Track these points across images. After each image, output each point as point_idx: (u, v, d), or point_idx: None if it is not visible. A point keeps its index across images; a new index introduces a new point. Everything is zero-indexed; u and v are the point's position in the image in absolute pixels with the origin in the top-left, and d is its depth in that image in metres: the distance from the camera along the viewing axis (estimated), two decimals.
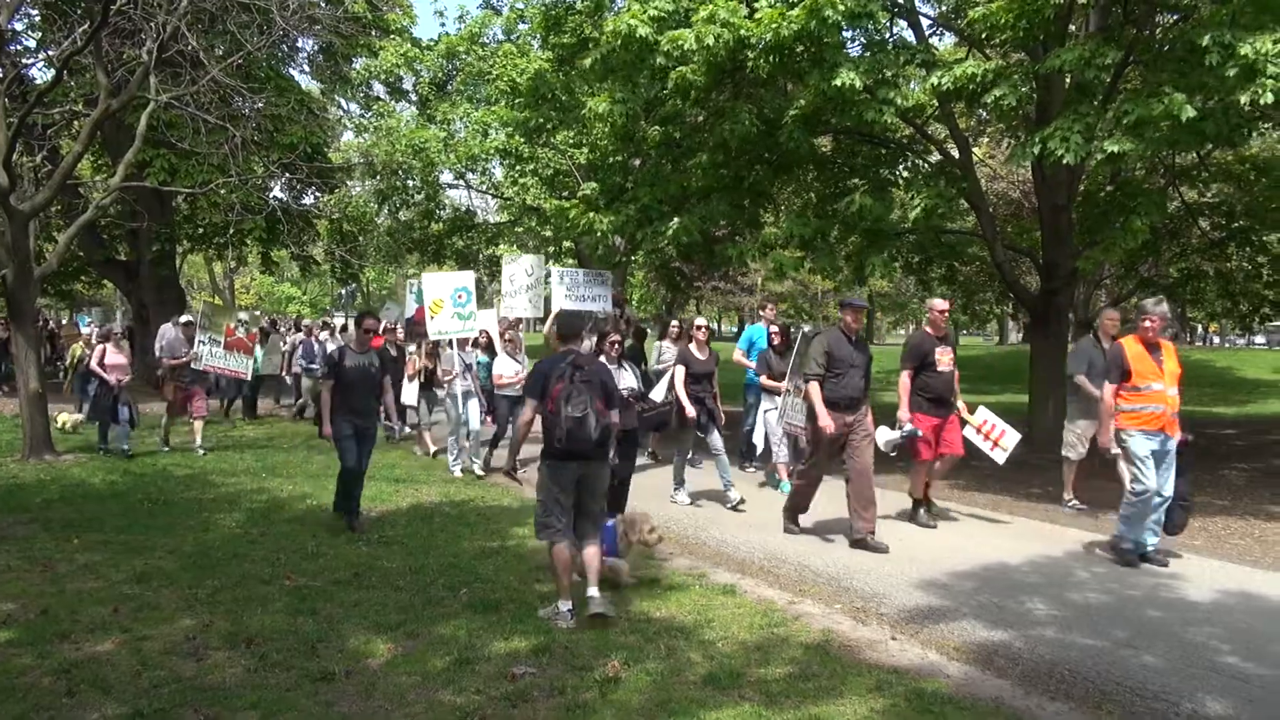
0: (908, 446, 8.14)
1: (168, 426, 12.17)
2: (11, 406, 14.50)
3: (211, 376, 13.81)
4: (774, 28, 9.61)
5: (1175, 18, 10.49)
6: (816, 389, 7.33)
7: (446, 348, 11.30)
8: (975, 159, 14.69)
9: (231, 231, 19.83)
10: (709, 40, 9.90)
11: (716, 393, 9.43)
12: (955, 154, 12.48)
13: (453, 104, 23.86)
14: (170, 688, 4.35)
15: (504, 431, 10.84)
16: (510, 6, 23.85)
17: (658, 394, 9.09)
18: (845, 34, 10.64)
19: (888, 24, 11.68)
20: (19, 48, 16.52)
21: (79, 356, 14.70)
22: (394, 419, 8.95)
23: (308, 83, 24.39)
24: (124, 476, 10.12)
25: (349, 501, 7.81)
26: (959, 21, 12.26)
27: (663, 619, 5.45)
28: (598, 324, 10.41)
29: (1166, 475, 6.70)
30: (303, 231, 21.62)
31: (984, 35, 9.99)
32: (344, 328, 21.36)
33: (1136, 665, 4.78)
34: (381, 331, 15.87)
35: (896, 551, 7.08)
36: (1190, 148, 10.78)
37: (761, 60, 10.00)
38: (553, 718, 4.09)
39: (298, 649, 4.86)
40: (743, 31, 9.91)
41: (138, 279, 20.62)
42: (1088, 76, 8.93)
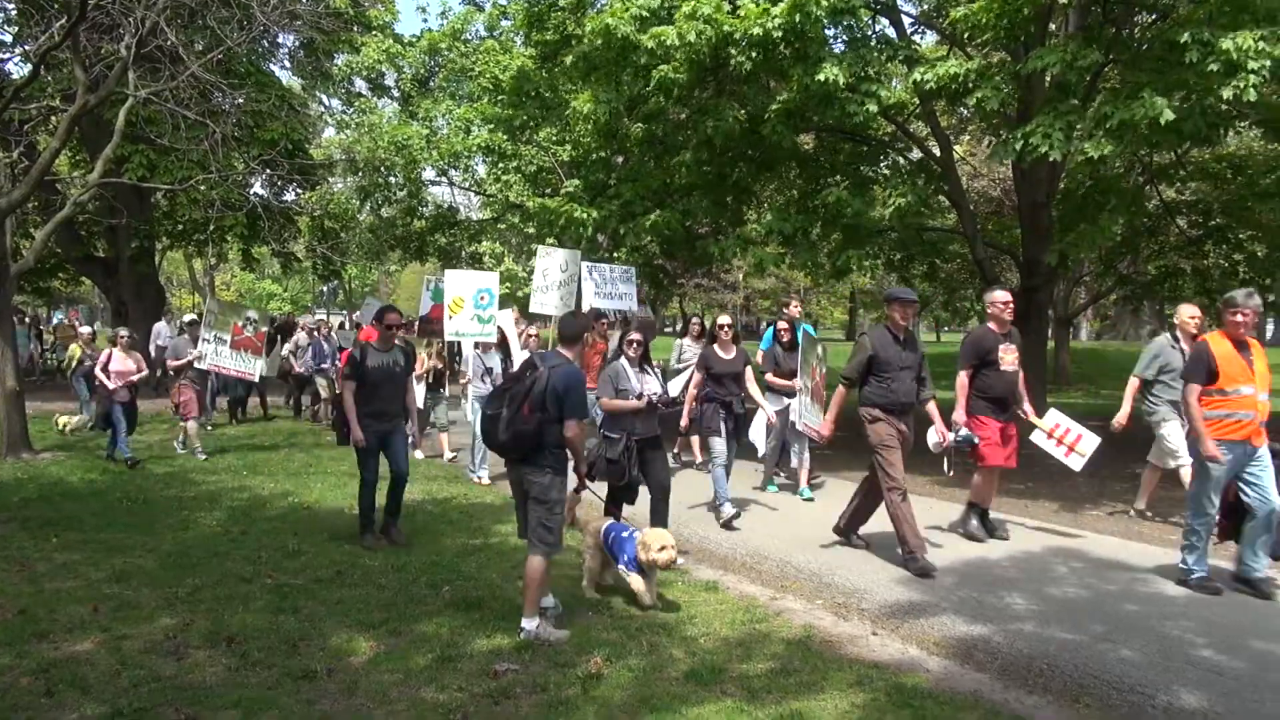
0: (968, 452, 7.39)
1: (193, 432, 11.58)
2: None
3: (213, 377, 13.18)
4: (759, 22, 9.63)
5: (1154, 17, 10.60)
6: (843, 393, 6.82)
7: (473, 349, 10.66)
8: (956, 157, 14.78)
9: (212, 228, 19.70)
10: (691, 36, 9.91)
11: (747, 393, 8.47)
12: (936, 152, 12.56)
13: (435, 101, 23.78)
14: (150, 687, 4.33)
15: None
16: (493, 3, 23.80)
17: (674, 387, 8.68)
18: (828, 31, 10.69)
19: (870, 21, 11.75)
20: None
21: (77, 358, 14.08)
22: (414, 423, 8.03)
23: (289, 78, 24.25)
24: (103, 475, 10.04)
25: (370, 516, 7.26)
26: (940, 20, 12.32)
27: (645, 616, 5.46)
28: (628, 322, 10.02)
29: (1265, 485, 5.97)
30: (284, 228, 21.44)
31: (965, 35, 10.06)
32: (342, 325, 20.75)
33: (1114, 659, 4.83)
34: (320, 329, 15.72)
35: (877, 547, 7.12)
36: (1169, 147, 10.90)
37: (744, 57, 10.02)
38: (535, 714, 4.10)
39: (279, 647, 4.84)
40: (726, 27, 9.93)
41: (116, 276, 20.43)
42: (1069, 77, 9.01)
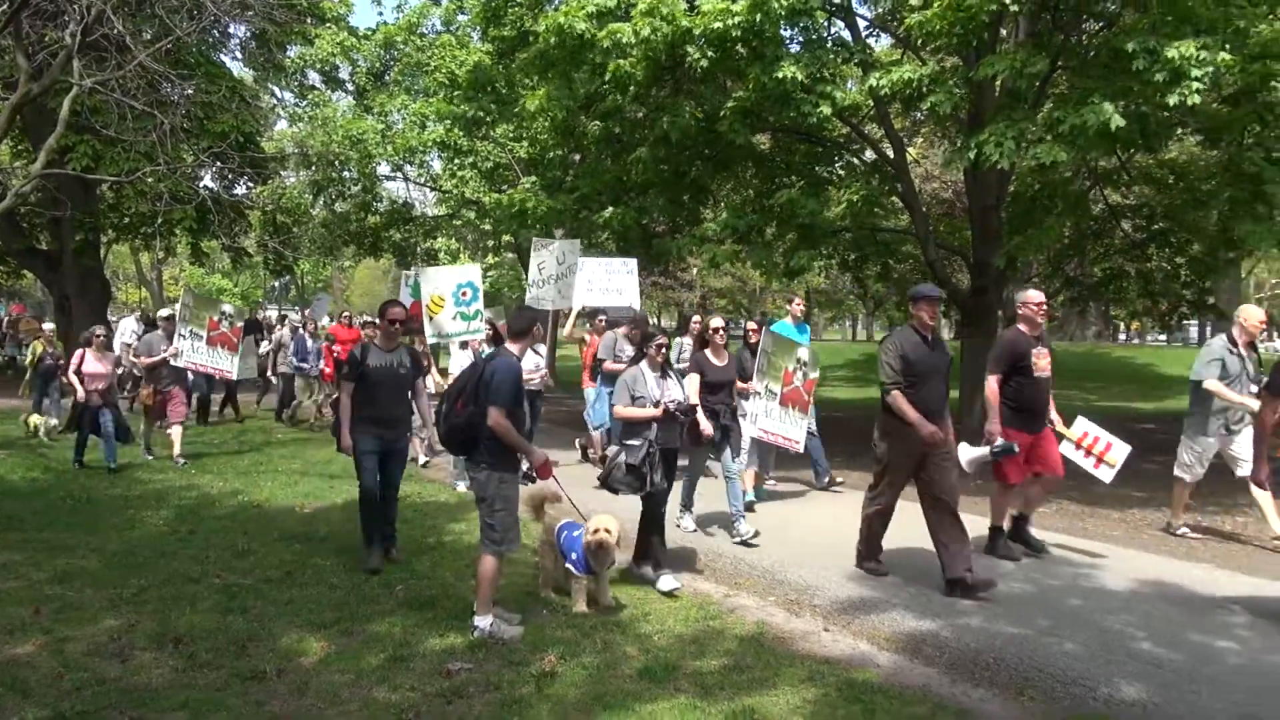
0: (992, 468, 6.88)
1: (148, 434, 11.03)
2: None
3: (190, 375, 12.08)
4: (719, 19, 9.68)
5: (1100, 25, 10.85)
6: (901, 398, 6.03)
7: (460, 349, 9.92)
8: (910, 159, 14.99)
9: (160, 221, 19.25)
10: (646, 32, 9.93)
11: (737, 405, 7.95)
12: (890, 154, 12.73)
13: (390, 95, 23.58)
14: (94, 689, 4.25)
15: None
16: None
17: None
18: (785, 32, 10.79)
19: (826, 23, 11.88)
20: None
21: (39, 355, 13.30)
22: (427, 430, 6.94)
23: (240, 70, 23.83)
24: (45, 473, 9.81)
25: (374, 531, 6.50)
26: (895, 25, 12.49)
27: (599, 614, 5.47)
28: (638, 321, 9.01)
29: None
30: (234, 222, 21.07)
31: (919, 40, 10.22)
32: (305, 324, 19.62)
33: (1058, 652, 4.94)
34: (306, 326, 15.38)
35: (829, 545, 7.20)
36: (1113, 152, 11.18)
37: (701, 55, 10.07)
38: (488, 713, 4.09)
39: (227, 648, 4.77)
40: (684, 23, 9.97)
41: (60, 270, 19.91)
42: (1019, 84, 9.20)
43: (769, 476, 9.51)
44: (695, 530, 7.72)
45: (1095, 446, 7.34)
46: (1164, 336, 39.09)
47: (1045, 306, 6.93)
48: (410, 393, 6.73)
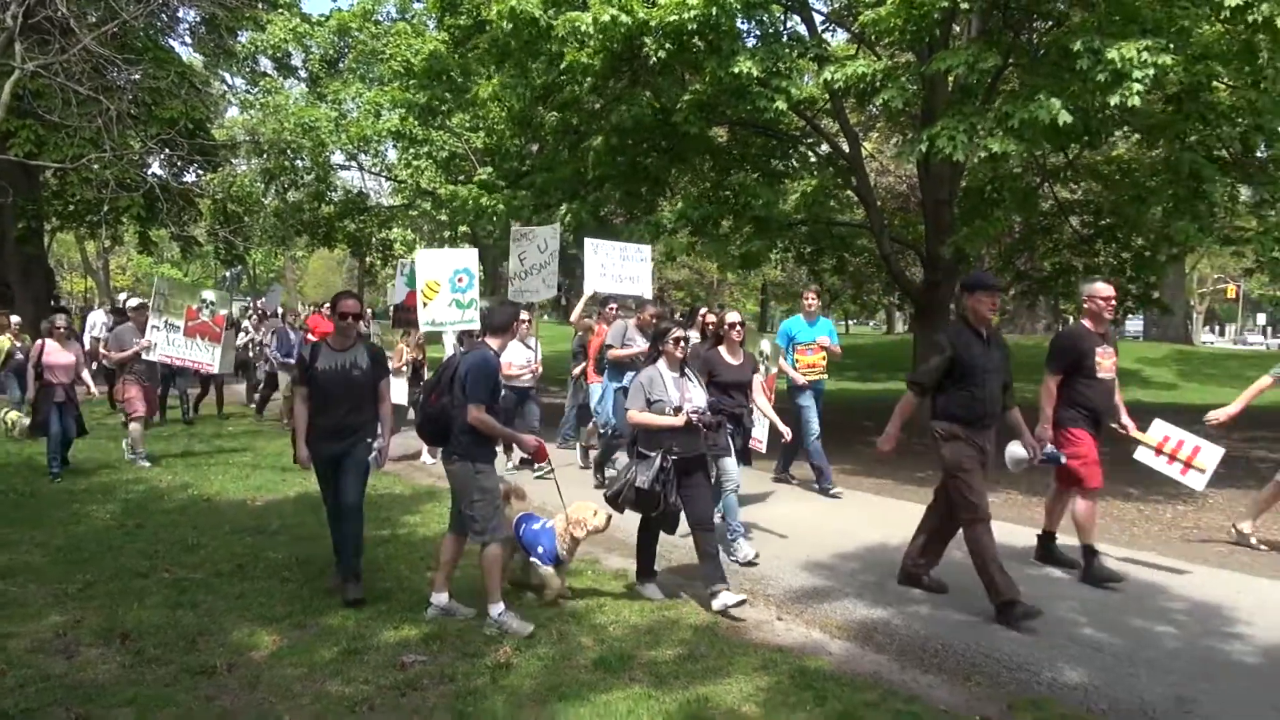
0: (1055, 473, 6.41)
1: (137, 434, 10.11)
2: None
3: (159, 369, 11.09)
4: (675, 11, 9.69)
5: (1050, 24, 11.04)
6: (911, 402, 5.65)
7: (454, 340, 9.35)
8: (865, 153, 15.14)
9: (106, 209, 18.84)
10: (605, 19, 9.90)
11: (752, 409, 7.10)
12: (846, 148, 12.86)
13: (344, 83, 23.27)
14: (38, 686, 4.18)
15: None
16: None
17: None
18: (741, 25, 10.83)
19: (782, 17, 11.96)
20: None
21: (8, 351, 12.20)
22: (385, 438, 6.07)
23: (189, 55, 23.38)
24: None
25: (342, 551, 5.67)
26: (850, 20, 12.60)
27: (555, 605, 5.49)
28: (659, 315, 8.37)
29: None
30: (183, 211, 20.71)
31: (874, 36, 10.32)
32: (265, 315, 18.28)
33: (1003, 638, 5.05)
34: (287, 318, 15.09)
35: (784, 536, 7.27)
36: (1061, 147, 11.40)
37: (658, 46, 10.08)
38: (443, 705, 4.09)
39: (176, 643, 4.72)
40: (641, 14, 9.97)
41: (1, 257, 19.43)
42: (971, 79, 9.34)
43: (833, 488, 9.06)
44: (754, 553, 6.88)
45: (1180, 451, 6.66)
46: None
47: (1114, 302, 6.34)
48: (373, 396, 5.82)
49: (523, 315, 9.84)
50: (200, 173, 21.58)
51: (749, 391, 6.95)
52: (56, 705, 4.00)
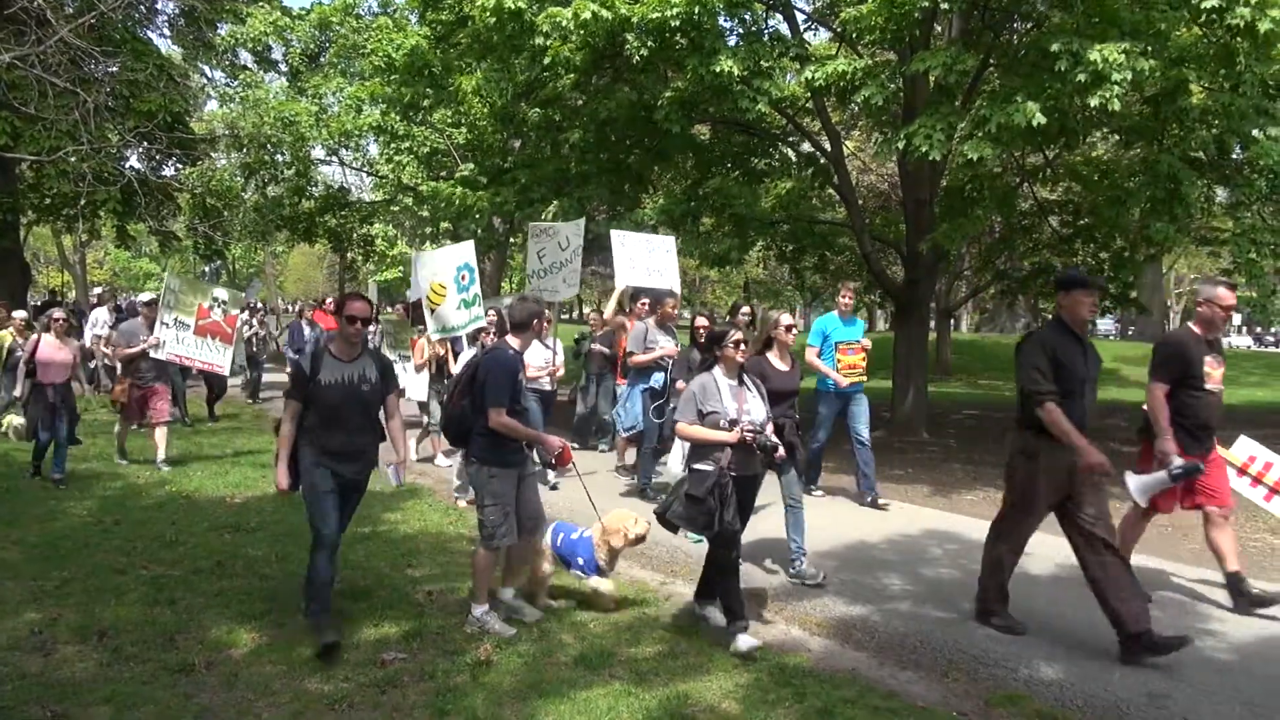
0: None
1: (123, 435, 9.83)
2: None
3: (171, 369, 10.52)
4: (658, 9, 9.70)
5: (1030, 25, 11.13)
6: (1058, 413, 4.80)
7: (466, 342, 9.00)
8: (846, 152, 15.20)
9: (83, 203, 18.64)
10: (586, 15, 9.89)
11: (798, 418, 6.29)
12: (827, 146, 12.91)
13: (325, 77, 23.14)
14: (14, 684, 4.15)
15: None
16: None
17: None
18: (724, 23, 10.86)
19: (764, 16, 11.99)
20: None
21: (9, 347, 11.06)
22: (401, 452, 5.40)
23: (168, 47, 23.16)
24: None
25: (325, 591, 4.94)
26: (832, 19, 12.66)
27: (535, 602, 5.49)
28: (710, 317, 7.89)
29: None
30: (162, 205, 20.50)
31: (855, 35, 10.37)
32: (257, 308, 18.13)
33: (981, 635, 5.11)
34: (302, 314, 14.86)
35: (764, 534, 7.30)
36: (1038, 147, 11.51)
37: (640, 43, 10.08)
38: (423, 703, 4.09)
39: (154, 640, 4.70)
40: (623, 11, 9.97)
41: None
42: (950, 80, 9.40)
43: (816, 489, 8.82)
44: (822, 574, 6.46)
45: (1268, 474, 6.04)
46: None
47: (1233, 310, 5.63)
48: (383, 412, 5.25)
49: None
50: (179, 166, 21.38)
51: (795, 401, 6.26)
52: (33, 703, 3.97)
